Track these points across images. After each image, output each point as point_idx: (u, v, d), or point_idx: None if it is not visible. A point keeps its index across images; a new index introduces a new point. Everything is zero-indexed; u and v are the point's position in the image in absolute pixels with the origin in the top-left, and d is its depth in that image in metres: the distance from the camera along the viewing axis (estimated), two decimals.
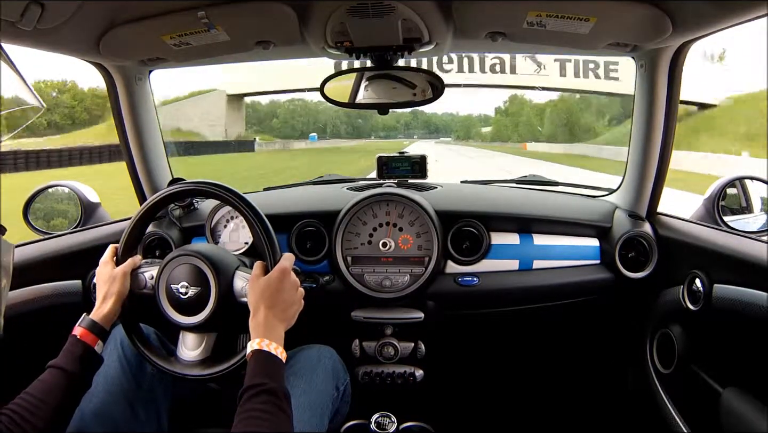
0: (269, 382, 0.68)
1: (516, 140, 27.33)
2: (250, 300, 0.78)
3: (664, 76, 1.07)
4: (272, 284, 0.78)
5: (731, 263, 0.90)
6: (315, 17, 0.92)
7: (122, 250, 0.88)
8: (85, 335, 0.78)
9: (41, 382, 0.72)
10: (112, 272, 0.85)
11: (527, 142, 25.07)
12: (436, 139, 34.74)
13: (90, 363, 0.78)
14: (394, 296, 1.14)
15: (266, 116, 29.18)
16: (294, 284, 0.80)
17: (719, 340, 0.95)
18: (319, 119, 29.69)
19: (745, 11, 0.79)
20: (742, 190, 1.25)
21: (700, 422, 0.97)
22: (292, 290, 0.80)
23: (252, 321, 0.76)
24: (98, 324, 0.80)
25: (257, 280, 0.79)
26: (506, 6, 0.91)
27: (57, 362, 0.75)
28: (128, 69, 1.18)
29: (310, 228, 1.18)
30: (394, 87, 1.07)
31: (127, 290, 0.85)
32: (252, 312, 0.77)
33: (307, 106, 29.64)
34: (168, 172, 1.35)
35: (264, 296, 0.77)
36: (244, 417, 0.65)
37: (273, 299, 0.77)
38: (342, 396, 0.95)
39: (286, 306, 0.78)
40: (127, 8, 0.91)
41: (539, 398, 1.39)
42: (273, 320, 0.76)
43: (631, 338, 1.20)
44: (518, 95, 28.18)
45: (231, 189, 0.86)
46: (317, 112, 29.69)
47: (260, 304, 0.76)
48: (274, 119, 29.48)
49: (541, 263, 1.18)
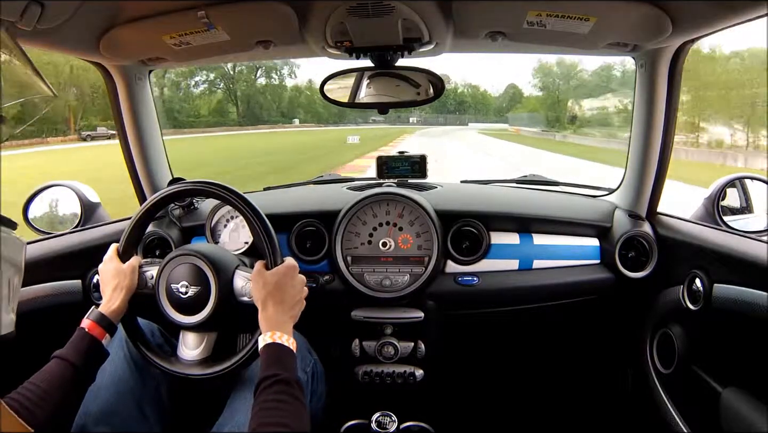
0: (283, 372, 0.69)
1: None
2: (256, 295, 0.79)
3: (664, 76, 1.07)
4: (280, 279, 0.79)
5: (731, 262, 0.90)
6: (315, 17, 0.92)
7: (123, 248, 0.88)
8: (93, 327, 0.78)
9: (47, 373, 0.72)
10: (121, 267, 0.85)
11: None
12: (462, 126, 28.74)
13: (96, 357, 0.78)
14: (393, 296, 1.14)
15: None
16: (301, 282, 0.82)
17: (719, 340, 0.95)
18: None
19: (745, 11, 0.79)
20: (742, 189, 1.25)
21: (700, 422, 0.97)
22: (299, 287, 0.81)
23: (262, 315, 0.77)
24: (107, 318, 0.80)
25: (262, 274, 0.79)
26: (506, 6, 0.91)
27: (63, 354, 0.75)
28: (128, 69, 1.18)
29: (310, 228, 1.18)
30: (397, 85, 1.07)
31: (135, 286, 0.85)
32: (261, 307, 0.77)
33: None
34: (168, 172, 1.35)
35: (272, 291, 0.78)
36: (262, 407, 0.67)
37: (281, 293, 0.78)
38: (312, 377, 0.94)
39: (294, 303, 0.79)
40: (127, 8, 0.91)
41: (539, 397, 1.39)
42: (282, 315, 0.77)
43: (631, 338, 1.20)
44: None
45: (231, 189, 0.86)
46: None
47: (268, 299, 0.77)
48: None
49: (541, 263, 1.18)
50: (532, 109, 29.06)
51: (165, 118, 17.93)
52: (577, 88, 27.15)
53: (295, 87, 31.17)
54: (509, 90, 33.13)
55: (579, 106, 25.19)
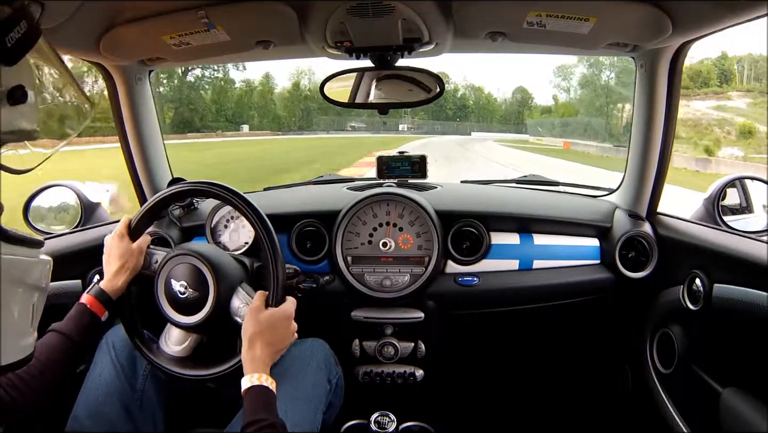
0: (269, 417, 0.70)
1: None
2: (246, 330, 0.78)
3: (664, 76, 1.07)
4: (275, 322, 0.78)
5: (731, 262, 0.90)
6: (315, 17, 0.92)
7: (136, 224, 0.87)
8: (93, 303, 0.79)
9: (46, 346, 0.73)
10: (130, 247, 0.85)
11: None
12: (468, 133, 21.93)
13: (94, 333, 0.78)
14: (394, 296, 1.14)
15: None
16: (294, 328, 0.82)
17: (719, 340, 0.95)
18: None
19: (746, 11, 0.79)
20: (742, 190, 1.25)
21: (700, 422, 0.97)
22: (290, 332, 0.81)
23: (247, 353, 0.76)
24: (106, 294, 0.81)
25: (258, 312, 0.78)
26: (506, 6, 0.91)
27: (62, 328, 0.75)
28: (128, 69, 1.18)
29: (310, 228, 1.18)
30: (410, 89, 1.07)
31: (140, 267, 0.86)
32: (247, 344, 0.76)
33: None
34: (168, 172, 1.35)
35: (263, 331, 0.77)
36: None
37: (272, 336, 0.78)
38: (335, 389, 0.95)
39: (282, 347, 0.79)
40: (127, 8, 0.91)
41: (539, 397, 1.39)
42: (267, 357, 0.77)
43: (631, 338, 1.20)
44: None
45: (232, 189, 0.86)
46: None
47: (258, 338, 0.76)
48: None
49: (541, 263, 1.18)
50: (564, 114, 22.86)
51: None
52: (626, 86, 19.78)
53: (246, 83, 23.65)
54: (516, 94, 28.08)
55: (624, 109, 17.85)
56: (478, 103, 27.91)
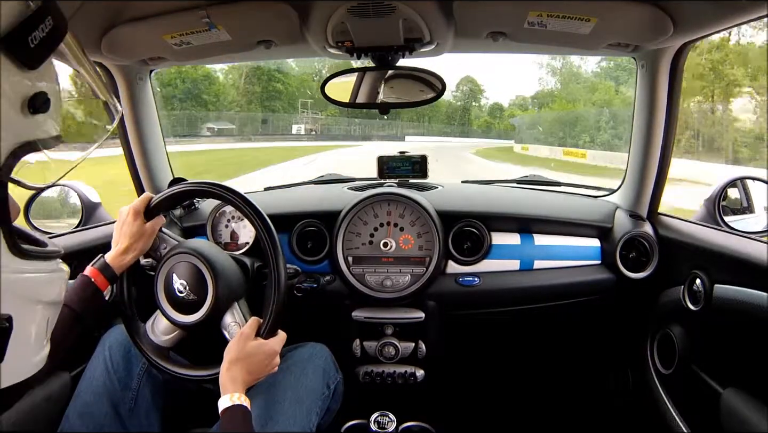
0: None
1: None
2: (230, 351, 0.78)
3: (665, 76, 1.07)
4: (259, 355, 0.78)
5: (732, 263, 0.90)
6: (316, 17, 0.92)
7: (156, 203, 0.86)
8: (97, 276, 0.78)
9: None
10: (143, 229, 0.85)
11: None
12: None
13: (96, 306, 0.78)
14: (394, 296, 1.14)
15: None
16: (275, 364, 0.82)
17: (719, 340, 0.95)
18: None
19: (746, 12, 0.79)
20: (743, 190, 1.25)
21: (700, 422, 0.97)
22: (270, 366, 0.81)
23: (226, 373, 0.76)
24: (111, 269, 0.80)
25: (247, 340, 0.79)
26: (507, 6, 0.91)
27: (65, 299, 0.74)
28: (129, 68, 1.18)
29: (311, 228, 1.18)
30: (421, 90, 1.07)
31: (148, 248, 0.86)
32: (227, 364, 0.77)
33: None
34: (169, 172, 1.35)
35: (246, 360, 0.77)
36: None
37: (254, 366, 0.78)
38: (333, 394, 0.95)
39: (259, 377, 0.80)
40: (128, 8, 0.91)
41: (539, 397, 1.39)
42: (244, 380, 0.77)
43: (632, 338, 1.20)
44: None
45: (233, 189, 0.86)
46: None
47: (239, 364, 0.76)
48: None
49: (542, 263, 1.18)
50: (557, 109, 17.04)
51: None
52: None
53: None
54: (462, 86, 20.60)
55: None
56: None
